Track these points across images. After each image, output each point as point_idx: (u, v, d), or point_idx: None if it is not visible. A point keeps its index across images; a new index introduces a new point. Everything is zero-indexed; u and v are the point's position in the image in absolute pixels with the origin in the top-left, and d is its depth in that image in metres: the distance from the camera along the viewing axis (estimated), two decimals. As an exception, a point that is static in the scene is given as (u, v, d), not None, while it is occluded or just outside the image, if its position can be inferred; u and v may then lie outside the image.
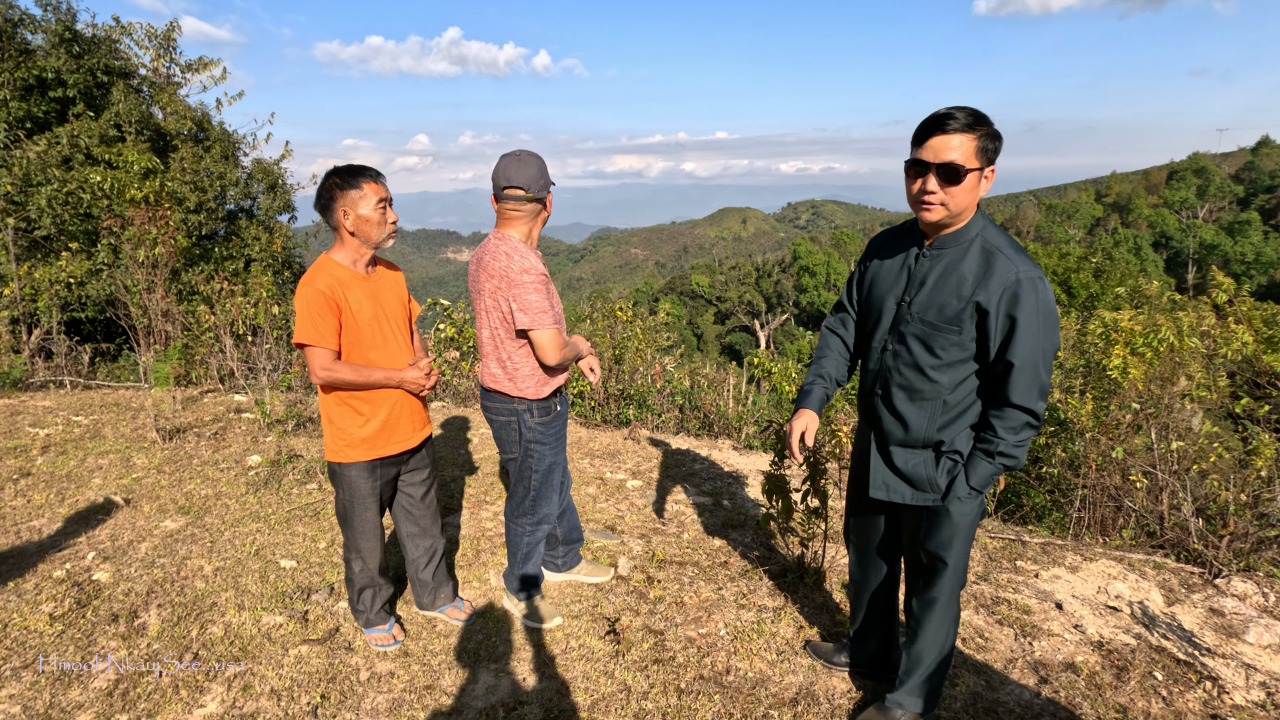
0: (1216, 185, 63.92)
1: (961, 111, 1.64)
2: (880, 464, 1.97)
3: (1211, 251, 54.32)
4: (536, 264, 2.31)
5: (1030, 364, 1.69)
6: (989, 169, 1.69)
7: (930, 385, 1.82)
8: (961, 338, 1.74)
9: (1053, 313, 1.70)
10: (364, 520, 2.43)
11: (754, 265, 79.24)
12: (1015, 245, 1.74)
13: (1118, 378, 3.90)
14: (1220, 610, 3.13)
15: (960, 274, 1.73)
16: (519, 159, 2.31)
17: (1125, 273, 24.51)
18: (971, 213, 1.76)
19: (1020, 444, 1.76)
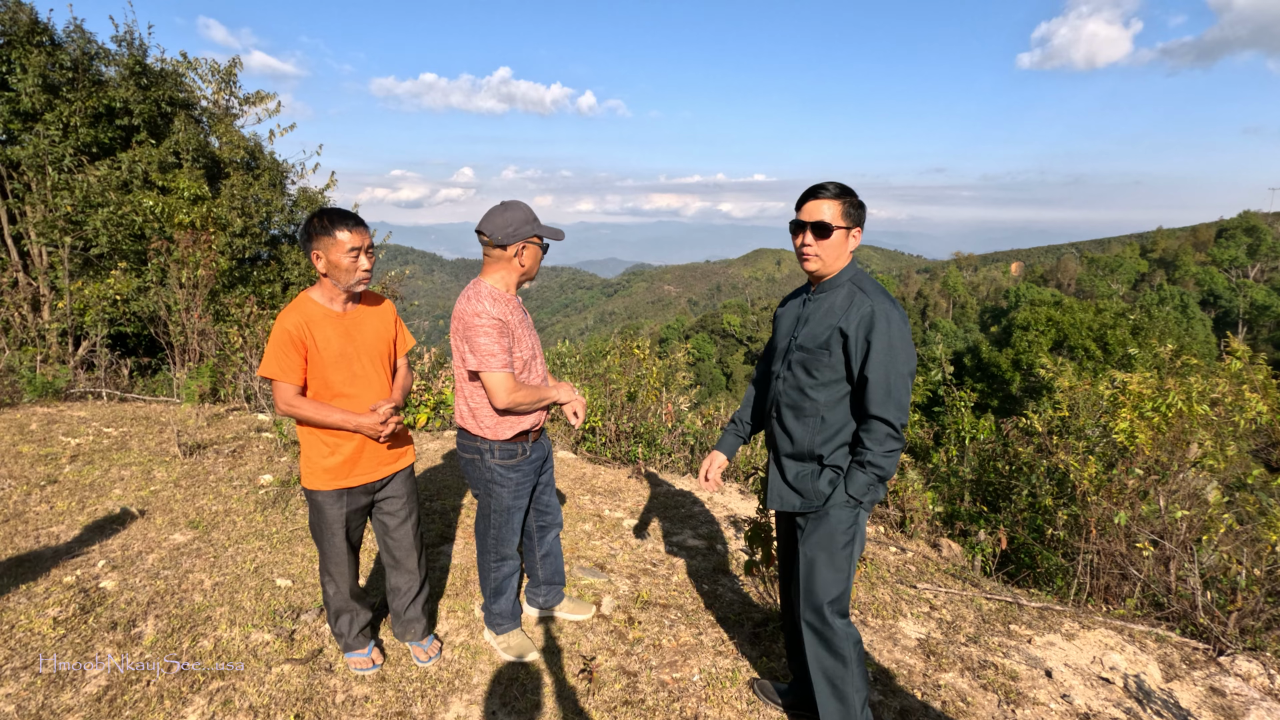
0: (1269, 245, 62.14)
1: (833, 184, 2.11)
2: (776, 476, 2.28)
3: (1264, 312, 52.55)
4: (489, 309, 2.40)
5: (883, 379, 2.02)
6: (855, 229, 2.13)
7: (810, 403, 2.16)
8: (832, 359, 2.10)
9: (903, 339, 2.04)
10: (333, 545, 2.51)
11: (786, 307, 78.96)
12: (878, 287, 2.12)
13: (1124, 442, 3.83)
14: (1221, 690, 3.02)
15: (832, 309, 2.13)
16: (502, 207, 2.44)
17: (1166, 331, 23.83)
18: (844, 263, 2.17)
19: (887, 454, 2.05)
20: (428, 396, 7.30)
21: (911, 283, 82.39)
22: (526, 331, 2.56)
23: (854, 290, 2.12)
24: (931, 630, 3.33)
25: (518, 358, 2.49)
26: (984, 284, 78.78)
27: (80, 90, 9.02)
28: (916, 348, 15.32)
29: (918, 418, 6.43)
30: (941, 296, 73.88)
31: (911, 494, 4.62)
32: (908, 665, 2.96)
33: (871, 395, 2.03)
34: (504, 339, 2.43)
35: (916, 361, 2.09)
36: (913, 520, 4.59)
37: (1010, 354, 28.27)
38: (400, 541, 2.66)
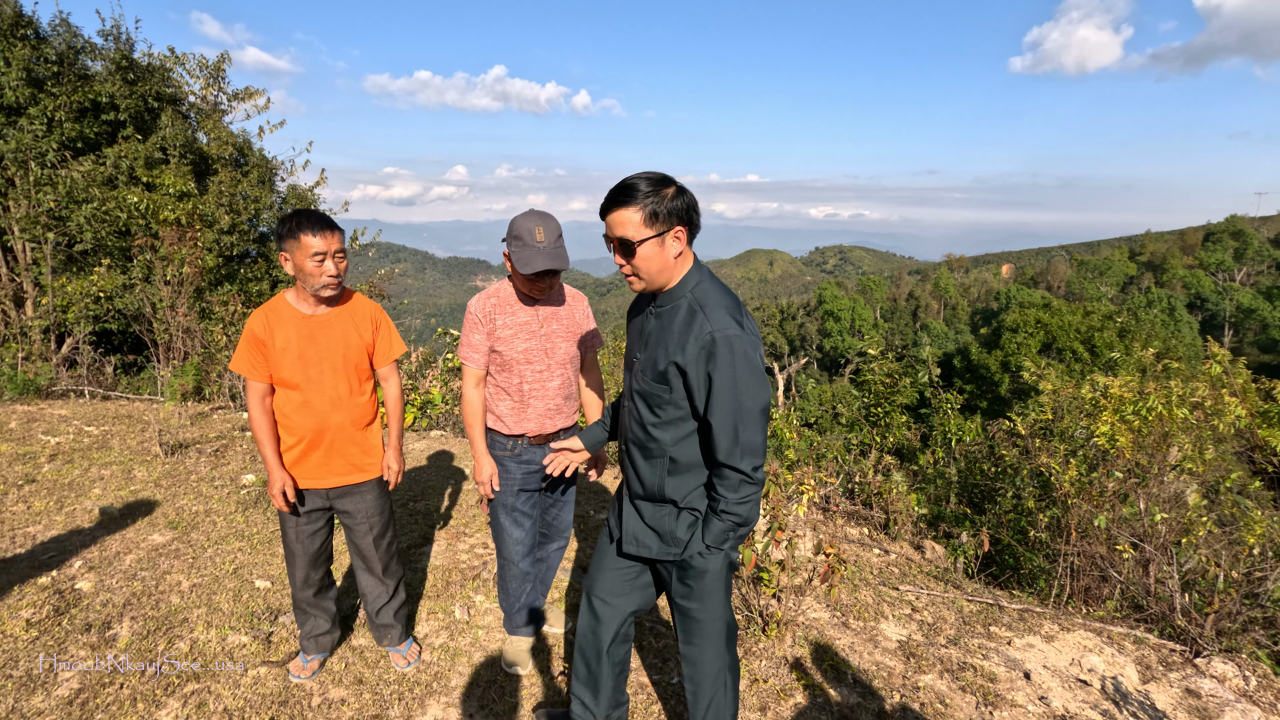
0: (1255, 249, 62.79)
1: (629, 185, 1.70)
2: (632, 517, 1.98)
3: (1249, 316, 53.11)
4: (474, 303, 2.51)
5: (729, 423, 1.70)
6: (675, 230, 1.73)
7: (655, 443, 1.85)
8: (673, 396, 1.77)
9: (751, 370, 1.69)
10: (288, 542, 2.50)
11: (779, 307, 79.29)
12: (722, 302, 1.75)
13: (1105, 445, 3.86)
14: (1197, 691, 3.04)
15: (672, 332, 1.77)
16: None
17: (1152, 334, 24.08)
18: (682, 270, 1.80)
19: (743, 501, 1.76)
20: (414, 396, 7.27)
21: (903, 284, 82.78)
22: (525, 336, 2.50)
23: (693, 309, 1.74)
24: (912, 632, 3.34)
25: (497, 354, 2.49)
26: (975, 286, 79.28)
27: (65, 85, 8.93)
28: (908, 349, 15.39)
29: (905, 419, 6.44)
30: (933, 298, 74.27)
31: (895, 496, 4.64)
32: (887, 667, 2.97)
33: (718, 442, 1.72)
34: (476, 334, 2.46)
35: (770, 392, 1.78)
36: (896, 522, 4.61)
37: (1000, 356, 28.47)
38: (364, 551, 2.60)
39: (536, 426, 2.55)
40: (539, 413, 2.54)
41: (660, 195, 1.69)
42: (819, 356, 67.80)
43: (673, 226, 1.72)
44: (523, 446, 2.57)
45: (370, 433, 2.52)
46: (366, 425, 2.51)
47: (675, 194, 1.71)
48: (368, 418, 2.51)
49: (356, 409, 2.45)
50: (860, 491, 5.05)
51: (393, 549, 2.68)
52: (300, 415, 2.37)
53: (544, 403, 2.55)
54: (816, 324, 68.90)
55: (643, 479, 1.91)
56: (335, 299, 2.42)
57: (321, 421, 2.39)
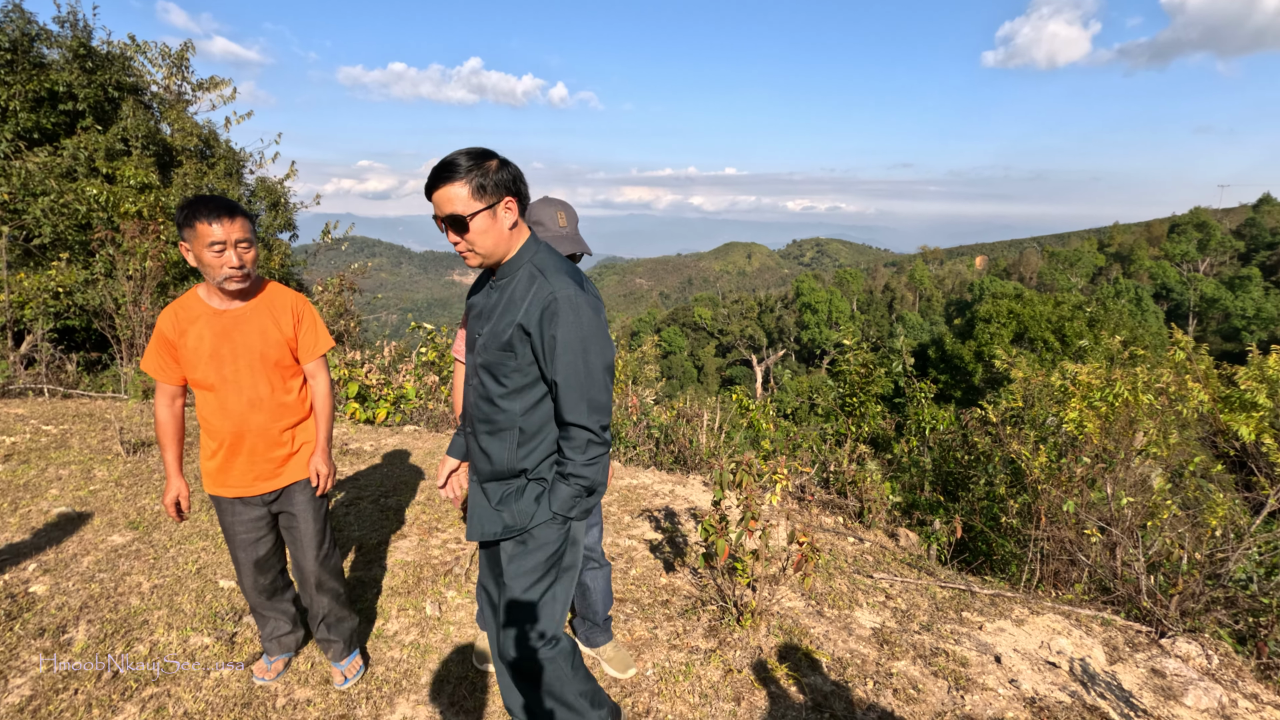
0: (1218, 240, 64.43)
1: (451, 161, 1.69)
2: (479, 500, 1.93)
3: (1212, 305, 54.53)
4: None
5: (575, 380, 1.71)
6: (505, 200, 1.73)
7: (503, 414, 1.82)
8: (519, 362, 1.77)
9: (595, 330, 1.72)
10: (230, 549, 2.37)
11: (757, 300, 79.67)
12: (561, 267, 1.79)
13: (1073, 431, 3.91)
14: (1162, 671, 3.10)
15: (513, 300, 1.78)
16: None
17: (1120, 323, 24.63)
18: (519, 241, 1.82)
19: (590, 462, 1.76)
20: (388, 391, 7.17)
21: (879, 276, 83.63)
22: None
23: (533, 274, 1.77)
24: (886, 619, 3.37)
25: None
26: (949, 277, 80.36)
27: (20, 73, 8.62)
28: (884, 340, 15.43)
29: (880, 409, 6.49)
30: (908, 289, 75.15)
31: (870, 485, 4.67)
32: (861, 655, 2.99)
33: (564, 400, 1.72)
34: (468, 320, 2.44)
35: (615, 352, 1.79)
36: (871, 511, 4.64)
37: (973, 346, 28.93)
38: (297, 560, 2.42)
39: None
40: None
41: (484, 168, 1.69)
42: (796, 348, 68.32)
43: (502, 198, 1.72)
44: None
45: (299, 434, 2.35)
46: (293, 426, 2.33)
47: (499, 166, 1.71)
48: (295, 417, 2.33)
49: (280, 409, 2.28)
50: (835, 480, 5.08)
51: (330, 561, 2.47)
52: (217, 418, 2.22)
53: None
54: (794, 316, 69.38)
55: (491, 456, 1.86)
56: (249, 292, 2.23)
57: (240, 424, 2.22)
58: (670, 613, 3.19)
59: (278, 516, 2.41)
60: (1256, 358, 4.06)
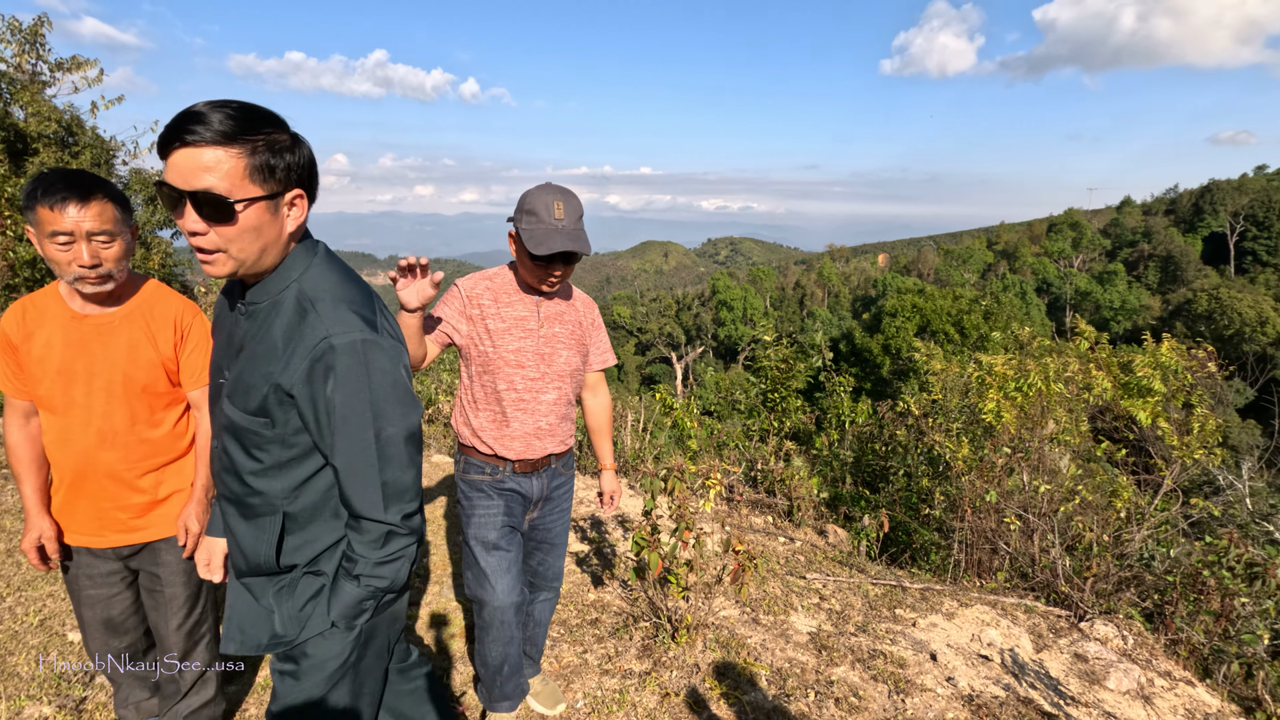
0: (1088, 238, 70.49)
1: (220, 111, 1.10)
2: (241, 598, 1.38)
3: (1085, 298, 59.59)
4: (460, 281, 2.05)
5: (364, 462, 1.21)
6: (294, 194, 1.19)
7: (259, 497, 1.29)
8: (278, 431, 1.23)
9: (392, 387, 1.22)
10: (74, 604, 1.91)
11: (674, 298, 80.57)
12: (343, 294, 1.23)
13: (992, 421, 3.98)
14: (1084, 655, 3.16)
15: (270, 341, 1.22)
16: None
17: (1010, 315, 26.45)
18: (282, 249, 1.23)
19: (389, 559, 1.26)
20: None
21: (790, 274, 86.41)
22: (520, 334, 2.02)
23: (302, 306, 1.21)
24: (822, 622, 3.28)
25: (480, 353, 2.01)
26: (855, 274, 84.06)
27: None
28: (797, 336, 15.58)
29: (800, 403, 6.52)
30: (817, 286, 78.04)
31: (798, 482, 4.62)
32: (800, 663, 2.87)
33: (350, 487, 1.23)
34: (448, 308, 2.01)
35: (420, 411, 1.29)
36: (800, 509, 4.59)
37: (881, 339, 30.33)
38: (157, 628, 1.93)
39: (521, 448, 2.05)
40: (526, 430, 2.04)
41: (273, 140, 1.14)
42: (714, 345, 69.57)
43: (291, 188, 1.18)
44: (506, 474, 2.06)
45: (167, 479, 1.85)
46: (159, 469, 1.83)
47: (293, 142, 1.18)
48: (162, 458, 1.83)
49: (140, 447, 1.78)
50: (763, 479, 5.01)
51: (198, 633, 1.96)
52: (58, 450, 1.74)
53: (533, 419, 2.04)
54: (711, 313, 70.62)
55: (245, 549, 1.32)
56: (120, 295, 1.76)
57: (84, 461, 1.74)
58: (600, 633, 2.97)
59: (138, 573, 1.93)
60: (1151, 346, 4.27)
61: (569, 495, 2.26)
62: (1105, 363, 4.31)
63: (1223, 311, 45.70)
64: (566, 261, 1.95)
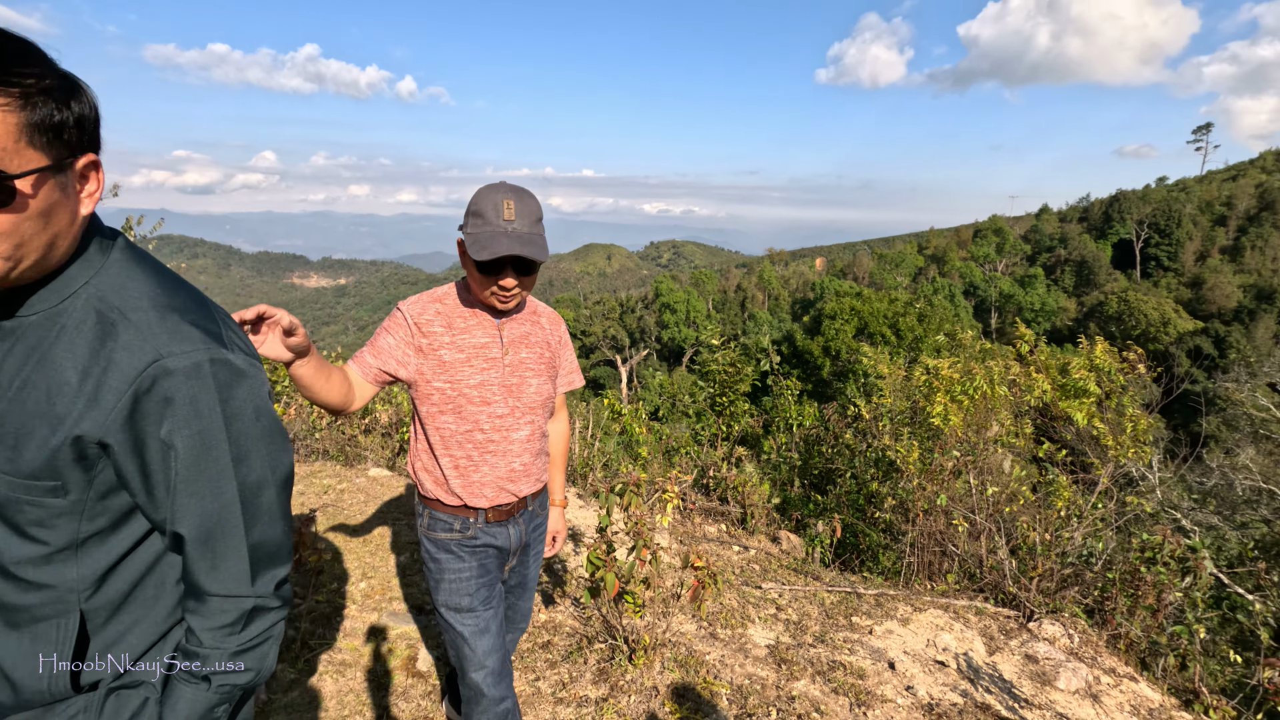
0: (1011, 243, 74.23)
1: None
2: None
3: (1008, 300, 62.66)
4: (403, 305, 1.76)
5: (223, 526, 0.91)
6: (84, 160, 0.84)
7: (38, 594, 0.88)
8: (74, 499, 0.86)
9: (257, 417, 0.93)
10: None
11: (618, 301, 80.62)
12: (166, 300, 0.90)
13: (940, 425, 4.02)
14: (1034, 656, 3.20)
15: (55, 370, 0.84)
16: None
17: (943, 318, 27.54)
18: (73, 241, 0.87)
19: (252, 645, 0.95)
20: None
21: (731, 277, 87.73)
22: (483, 364, 1.73)
23: (106, 316, 0.86)
24: (780, 634, 3.22)
25: (438, 389, 1.72)
26: (794, 278, 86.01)
27: None
28: (739, 338, 15.63)
29: (747, 407, 6.51)
30: (758, 289, 79.46)
31: (751, 489, 4.57)
32: (760, 679, 2.79)
33: (201, 560, 0.91)
34: (391, 337, 1.71)
35: (291, 452, 1.00)
36: (753, 516, 4.54)
37: (821, 341, 31.10)
38: None
39: (494, 494, 1.77)
40: (498, 475, 1.76)
41: (49, 85, 0.78)
42: (658, 348, 69.90)
43: (82, 153, 0.84)
44: (477, 527, 1.77)
45: None
46: None
47: (71, 86, 0.82)
48: None
49: None
50: (715, 486, 4.95)
51: None
52: None
53: (504, 461, 1.77)
54: (655, 316, 70.93)
55: (12, 675, 0.89)
56: None
57: None
58: (554, 657, 2.82)
59: None
60: (1085, 348, 4.41)
61: (543, 535, 2.03)
62: (1044, 365, 4.43)
63: (1131, 313, 48.87)
64: (520, 271, 1.65)
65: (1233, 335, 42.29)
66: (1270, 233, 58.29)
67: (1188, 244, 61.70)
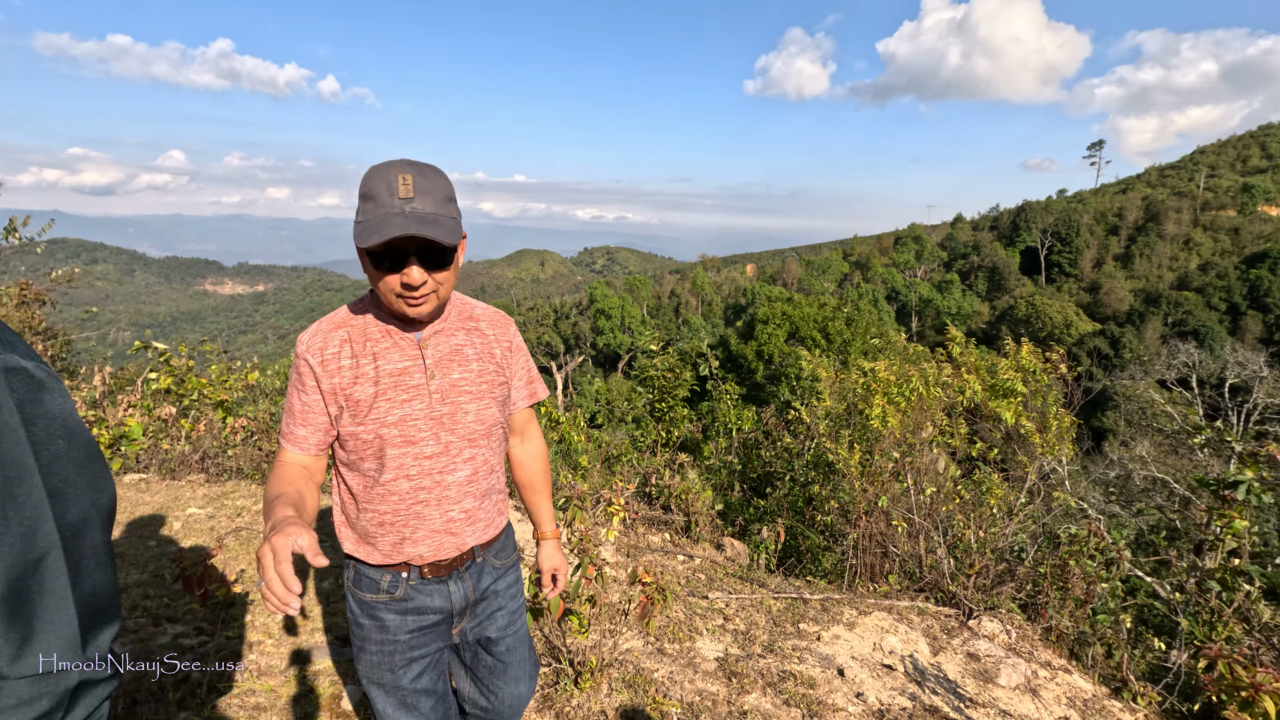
0: (929, 250, 77.92)
1: None
2: None
3: (928, 305, 65.72)
4: (302, 341, 1.42)
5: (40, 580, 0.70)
6: None
7: None
8: None
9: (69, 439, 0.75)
10: None
11: (552, 307, 79.97)
12: None
13: (878, 426, 4.06)
14: (976, 654, 3.24)
15: None
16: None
17: (869, 322, 28.60)
18: None
19: None
20: (102, 432, 5.60)
21: (665, 283, 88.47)
22: (403, 394, 1.40)
23: None
24: (728, 645, 3.15)
25: (350, 433, 1.41)
26: (726, 283, 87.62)
27: None
28: (676, 342, 15.63)
29: (687, 412, 6.47)
30: (692, 295, 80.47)
31: (694, 496, 4.50)
32: (711, 695, 2.70)
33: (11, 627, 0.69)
34: (301, 394, 1.40)
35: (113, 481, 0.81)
36: (698, 524, 4.47)
37: (754, 345, 31.71)
38: None
39: (429, 550, 1.45)
40: (433, 528, 1.45)
41: None
42: (594, 354, 69.67)
43: None
44: (408, 586, 1.46)
45: None
46: None
47: None
48: None
49: None
50: (658, 494, 4.86)
51: None
52: None
53: (440, 511, 1.44)
54: (589, 322, 70.70)
55: None
56: None
57: None
58: (494, 685, 2.64)
59: None
60: (1012, 349, 4.57)
61: (517, 593, 1.65)
62: (974, 366, 4.56)
63: (1038, 316, 52.11)
64: (430, 263, 1.29)
65: (1126, 336, 45.72)
66: (1156, 241, 63.45)
67: (1086, 252, 66.39)
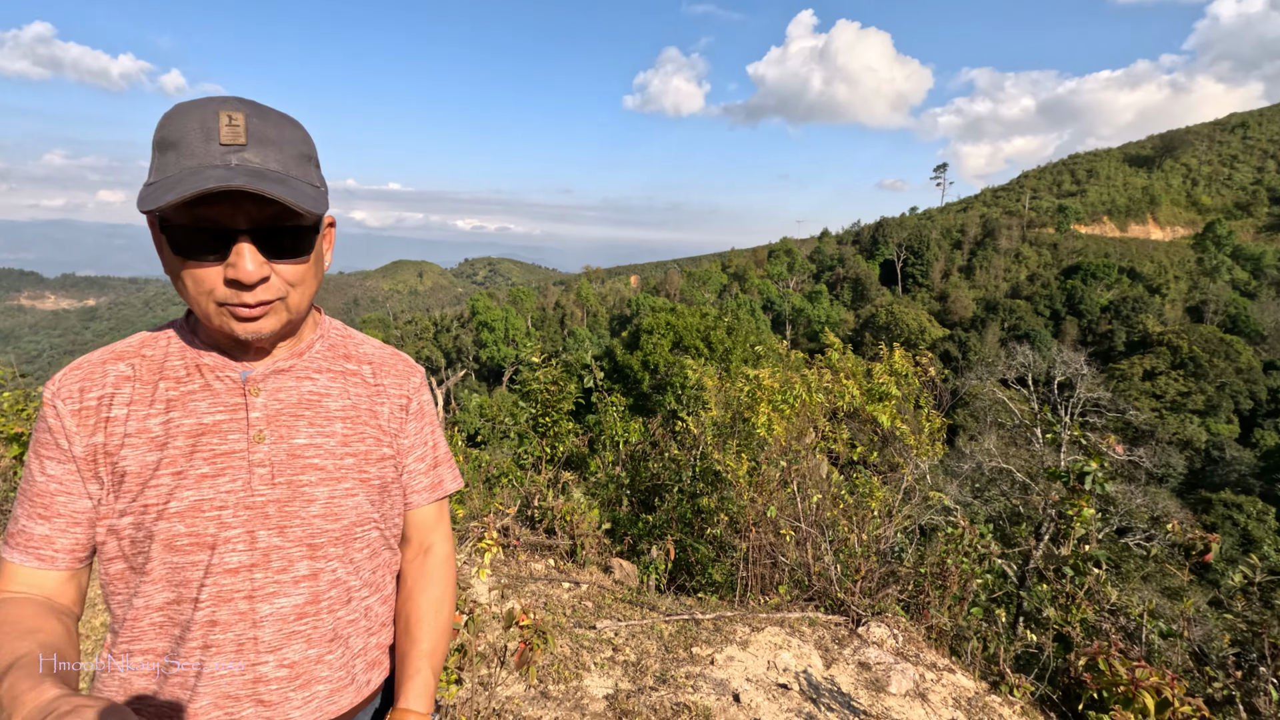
0: (799, 263, 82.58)
1: None
2: None
3: (800, 314, 69.49)
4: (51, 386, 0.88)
5: None
6: None
7: None
8: None
9: None
10: None
11: (432, 320, 76.84)
12: None
13: (764, 434, 3.99)
14: (867, 663, 3.21)
15: None
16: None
17: (749, 331, 29.69)
18: None
19: None
20: None
21: (550, 294, 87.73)
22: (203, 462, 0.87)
23: None
24: (619, 679, 2.91)
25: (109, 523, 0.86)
26: (610, 294, 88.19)
27: None
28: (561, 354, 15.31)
29: (572, 426, 6.20)
30: (576, 306, 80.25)
31: (579, 517, 4.24)
32: (601, 741, 2.45)
33: None
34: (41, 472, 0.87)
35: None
36: (584, 547, 4.21)
37: (640, 355, 31.94)
38: None
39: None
40: (232, 689, 0.87)
41: None
42: (476, 367, 67.59)
43: None
44: None
45: None
46: None
47: None
48: None
49: None
50: (541, 517, 4.55)
51: None
52: None
53: (246, 659, 0.87)
54: (472, 335, 68.59)
55: None
56: None
57: None
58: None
59: None
60: (886, 354, 4.69)
61: None
62: (852, 371, 4.64)
63: (896, 323, 56.51)
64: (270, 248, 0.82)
65: (971, 340, 50.52)
66: (992, 255, 70.89)
67: (935, 264, 72.93)
